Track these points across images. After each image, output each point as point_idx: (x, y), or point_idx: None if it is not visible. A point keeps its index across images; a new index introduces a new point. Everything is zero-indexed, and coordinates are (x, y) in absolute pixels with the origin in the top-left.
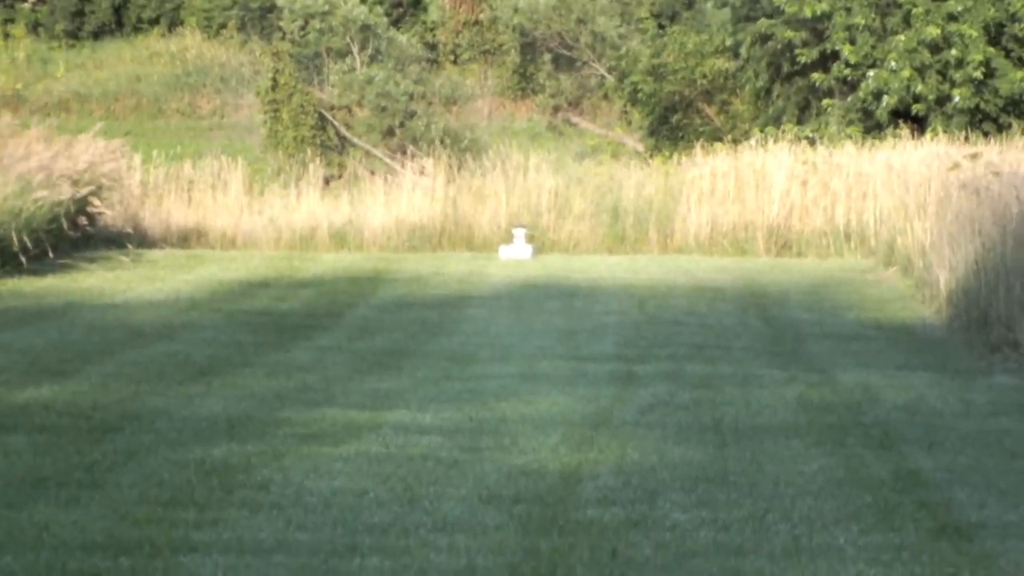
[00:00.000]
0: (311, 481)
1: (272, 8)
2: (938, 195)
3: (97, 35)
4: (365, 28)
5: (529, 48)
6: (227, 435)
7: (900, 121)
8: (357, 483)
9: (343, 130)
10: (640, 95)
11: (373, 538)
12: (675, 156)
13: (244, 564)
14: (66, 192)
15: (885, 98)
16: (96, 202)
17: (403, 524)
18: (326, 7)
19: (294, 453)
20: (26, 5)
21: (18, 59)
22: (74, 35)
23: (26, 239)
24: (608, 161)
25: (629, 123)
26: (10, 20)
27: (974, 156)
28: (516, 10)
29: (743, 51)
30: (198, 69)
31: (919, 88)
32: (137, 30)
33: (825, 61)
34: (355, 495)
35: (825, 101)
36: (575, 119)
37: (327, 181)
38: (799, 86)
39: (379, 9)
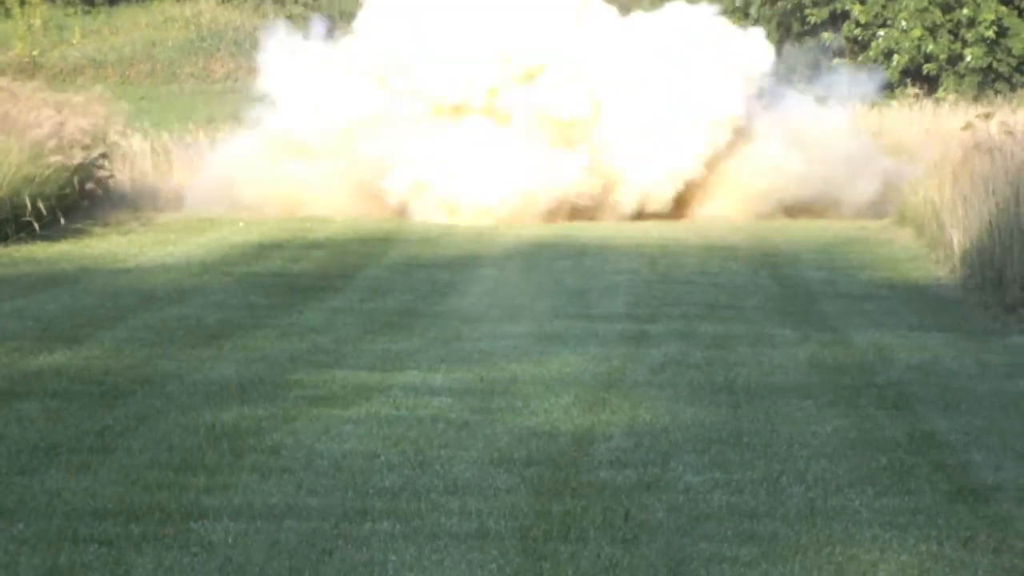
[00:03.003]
0: (322, 444)
1: None
2: (951, 155)
3: (112, 1)
4: None
5: None
6: (238, 399)
7: (911, 81)
8: (368, 446)
9: None
10: None
11: (384, 502)
12: None
13: (255, 529)
14: (77, 157)
15: (896, 57)
16: (107, 166)
17: (414, 487)
18: None
19: (305, 416)
20: None
21: (34, 26)
22: (90, 1)
23: (40, 205)
24: None
25: None
26: None
27: (987, 116)
28: None
29: (753, 11)
30: (212, 33)
31: (930, 47)
32: None
33: (835, 21)
34: (366, 458)
35: (835, 60)
36: None
37: None
38: (809, 46)
39: None
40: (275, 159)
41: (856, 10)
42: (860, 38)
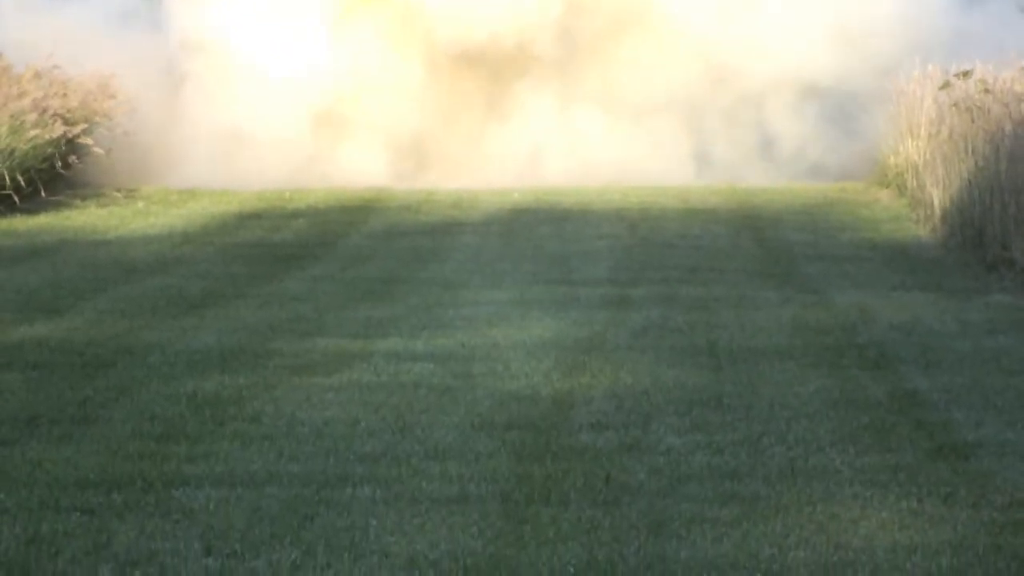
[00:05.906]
0: (303, 412)
1: None
2: (930, 114)
3: None
4: None
5: None
6: (219, 367)
7: None
8: (349, 412)
9: None
10: None
11: (365, 467)
12: None
13: (236, 496)
14: (59, 131)
15: None
16: (89, 140)
17: (395, 453)
18: None
19: (286, 384)
20: None
21: None
22: None
23: (19, 178)
24: None
25: None
26: None
27: (965, 74)
28: None
29: None
30: None
31: None
32: None
33: None
34: (347, 425)
35: None
36: None
37: None
38: None
39: None
40: None
41: None
42: None
